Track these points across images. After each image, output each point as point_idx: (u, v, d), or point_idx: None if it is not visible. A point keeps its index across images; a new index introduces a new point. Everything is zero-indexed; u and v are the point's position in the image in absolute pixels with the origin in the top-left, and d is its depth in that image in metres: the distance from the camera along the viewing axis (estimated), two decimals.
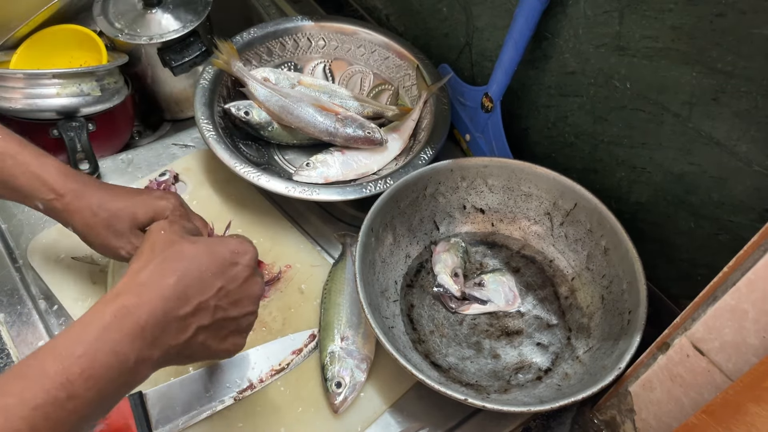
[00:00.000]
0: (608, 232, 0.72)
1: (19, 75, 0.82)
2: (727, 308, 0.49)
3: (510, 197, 0.80)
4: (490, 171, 0.78)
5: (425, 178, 0.77)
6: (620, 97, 0.69)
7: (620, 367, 0.60)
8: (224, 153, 0.79)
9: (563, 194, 0.76)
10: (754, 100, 0.56)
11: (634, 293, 0.67)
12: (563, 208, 0.77)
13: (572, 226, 0.77)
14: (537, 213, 0.79)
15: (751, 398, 0.46)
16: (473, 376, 0.69)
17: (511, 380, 0.68)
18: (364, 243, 0.68)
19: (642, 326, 0.63)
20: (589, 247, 0.75)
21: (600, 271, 0.74)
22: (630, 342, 0.63)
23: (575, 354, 0.70)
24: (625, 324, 0.66)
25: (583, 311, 0.74)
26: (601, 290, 0.73)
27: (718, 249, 0.67)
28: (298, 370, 0.70)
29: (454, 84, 0.90)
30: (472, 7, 0.84)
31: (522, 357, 0.71)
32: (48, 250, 0.76)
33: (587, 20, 0.69)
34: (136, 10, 0.92)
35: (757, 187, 0.60)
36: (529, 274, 0.78)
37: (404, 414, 0.68)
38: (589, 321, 0.72)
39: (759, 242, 0.46)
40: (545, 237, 0.79)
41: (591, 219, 0.74)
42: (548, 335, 0.73)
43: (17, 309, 0.72)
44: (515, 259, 0.79)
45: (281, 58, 0.97)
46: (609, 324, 0.69)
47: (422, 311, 0.74)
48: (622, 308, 0.69)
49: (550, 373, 0.69)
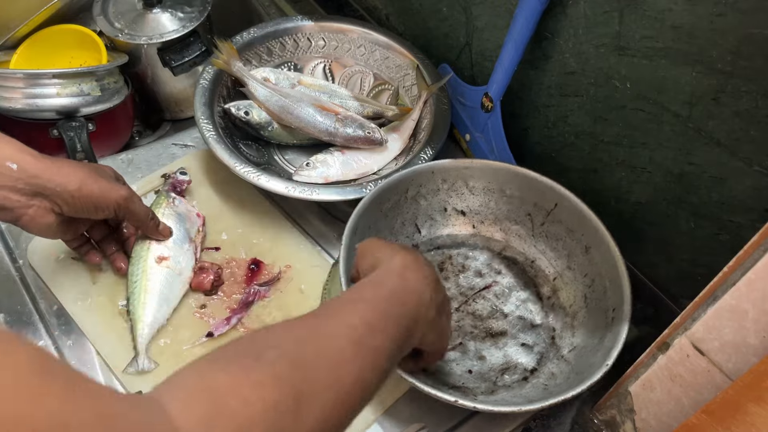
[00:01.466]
0: (589, 230, 0.72)
1: (19, 75, 0.82)
2: (727, 308, 0.49)
3: (491, 199, 0.79)
4: (471, 173, 0.78)
5: (406, 181, 0.76)
6: (620, 97, 0.69)
7: (608, 364, 0.60)
8: (224, 153, 0.79)
9: (544, 194, 0.76)
10: (754, 100, 0.56)
11: (617, 290, 0.67)
12: (544, 209, 0.76)
13: (553, 226, 0.77)
14: (518, 214, 0.79)
15: (751, 398, 0.46)
16: (459, 378, 0.68)
17: (498, 381, 0.68)
18: (348, 246, 0.68)
19: (627, 322, 0.63)
20: (570, 247, 0.75)
21: (582, 269, 0.74)
22: (616, 339, 0.62)
23: (560, 353, 0.70)
24: (610, 321, 0.66)
25: (566, 310, 0.74)
26: (583, 289, 0.73)
27: (718, 249, 0.67)
28: None
29: (454, 84, 0.90)
30: (472, 7, 0.84)
31: (507, 358, 0.71)
32: (48, 250, 0.76)
33: (587, 20, 0.69)
34: (136, 9, 0.92)
35: (757, 187, 0.60)
36: (510, 275, 0.78)
37: (404, 414, 0.68)
38: (573, 320, 0.72)
39: (759, 242, 0.46)
40: (526, 238, 0.79)
41: (572, 218, 0.74)
42: (532, 335, 0.72)
43: (17, 309, 0.72)
44: (497, 261, 0.79)
45: (281, 58, 0.97)
46: (593, 322, 0.69)
47: None
48: (605, 306, 0.68)
49: (536, 373, 0.69)
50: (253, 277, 0.76)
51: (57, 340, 0.70)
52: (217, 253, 0.78)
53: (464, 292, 0.76)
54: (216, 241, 0.79)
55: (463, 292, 0.76)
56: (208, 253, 0.78)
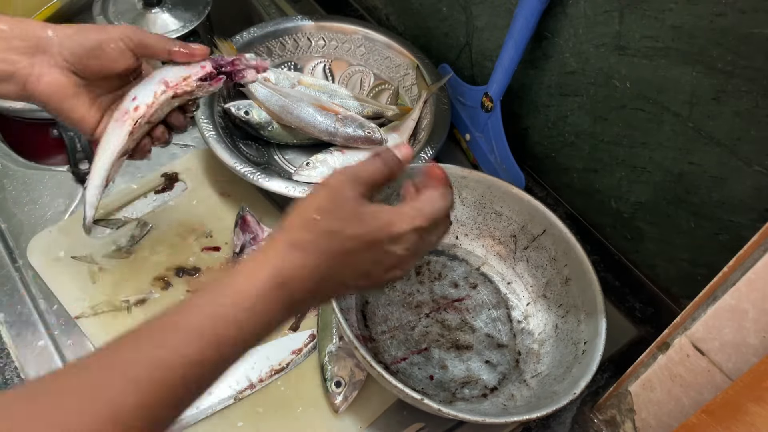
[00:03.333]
0: (573, 262, 0.71)
1: None
2: (727, 308, 0.49)
3: (480, 213, 0.79)
4: (466, 183, 0.77)
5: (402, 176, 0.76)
6: (620, 97, 0.69)
7: (575, 393, 0.59)
8: (224, 153, 0.79)
9: (533, 218, 0.75)
10: (754, 100, 0.56)
11: (592, 324, 0.66)
12: (531, 233, 0.76)
13: (536, 252, 0.76)
14: (503, 233, 0.78)
15: (751, 398, 0.46)
16: (419, 383, 0.68)
17: (457, 393, 0.68)
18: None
19: (599, 356, 0.62)
20: (550, 275, 0.74)
21: (557, 299, 0.73)
22: (585, 370, 0.61)
23: (522, 377, 0.69)
24: (579, 354, 0.65)
25: (534, 337, 0.73)
26: (555, 319, 0.72)
27: (718, 249, 0.67)
28: (298, 369, 0.70)
29: (454, 84, 0.90)
30: (472, 6, 0.84)
31: (470, 372, 0.70)
32: (47, 250, 0.76)
33: (587, 20, 0.69)
34: (136, 9, 0.92)
35: (757, 187, 0.60)
36: (485, 292, 0.77)
37: (404, 413, 0.68)
38: (540, 347, 0.72)
39: (759, 242, 0.46)
40: (507, 258, 0.79)
41: (557, 247, 0.73)
42: (497, 355, 0.72)
43: (17, 309, 0.72)
44: (473, 275, 0.79)
45: (281, 57, 0.97)
46: (560, 352, 0.69)
47: (376, 310, 0.73)
48: (576, 338, 0.68)
49: (496, 392, 0.68)
50: None
51: (57, 340, 0.70)
52: (218, 254, 0.78)
53: (437, 299, 0.76)
54: (216, 241, 0.79)
55: (436, 299, 0.76)
56: (209, 254, 0.78)
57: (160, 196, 0.83)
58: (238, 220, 0.77)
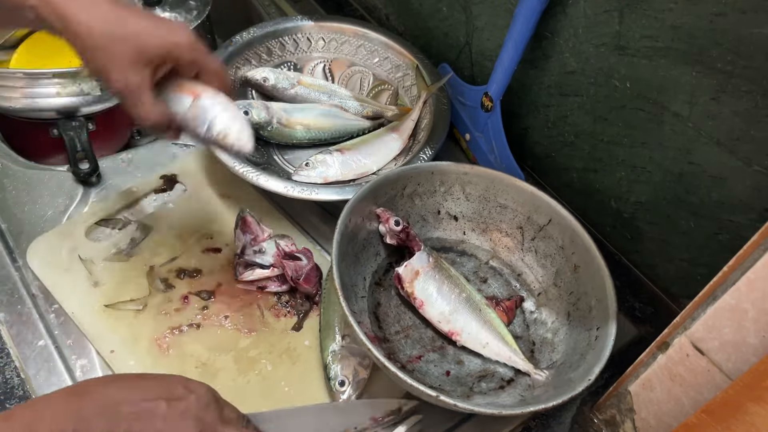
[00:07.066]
0: (580, 249, 0.72)
1: (19, 74, 0.82)
2: (726, 308, 0.49)
3: (485, 207, 0.79)
4: (469, 179, 0.78)
5: (405, 178, 0.76)
6: (620, 97, 0.70)
7: (590, 379, 0.60)
8: (223, 153, 0.79)
9: (538, 209, 0.75)
10: (754, 100, 0.57)
11: (603, 310, 0.66)
12: (537, 223, 0.76)
13: (543, 242, 0.76)
14: (510, 226, 0.79)
15: (751, 398, 0.46)
16: (436, 380, 0.68)
17: (474, 387, 0.68)
18: (342, 232, 0.68)
19: (611, 341, 0.63)
20: (559, 264, 0.75)
21: (568, 288, 0.73)
22: (599, 356, 0.62)
23: (538, 367, 0.69)
24: (593, 340, 0.66)
25: (547, 326, 0.73)
26: (567, 307, 0.72)
27: (718, 249, 0.67)
28: (302, 369, 0.70)
29: (454, 83, 0.90)
30: (472, 6, 0.84)
31: (485, 366, 0.70)
32: (48, 251, 0.76)
33: (587, 20, 0.69)
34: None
35: (756, 186, 0.60)
36: (496, 285, 0.77)
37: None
38: (554, 336, 0.72)
39: (759, 242, 0.46)
40: (515, 250, 0.79)
41: (564, 236, 0.74)
42: None
43: (17, 309, 0.72)
44: (483, 269, 0.79)
45: (281, 57, 0.97)
46: (574, 340, 0.69)
47: (389, 311, 0.74)
48: (589, 325, 0.68)
49: (513, 383, 0.68)
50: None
51: (57, 340, 0.70)
52: (219, 255, 0.78)
53: None
54: (217, 242, 0.79)
55: None
56: (209, 254, 0.78)
57: (160, 197, 0.83)
58: (239, 221, 0.77)
